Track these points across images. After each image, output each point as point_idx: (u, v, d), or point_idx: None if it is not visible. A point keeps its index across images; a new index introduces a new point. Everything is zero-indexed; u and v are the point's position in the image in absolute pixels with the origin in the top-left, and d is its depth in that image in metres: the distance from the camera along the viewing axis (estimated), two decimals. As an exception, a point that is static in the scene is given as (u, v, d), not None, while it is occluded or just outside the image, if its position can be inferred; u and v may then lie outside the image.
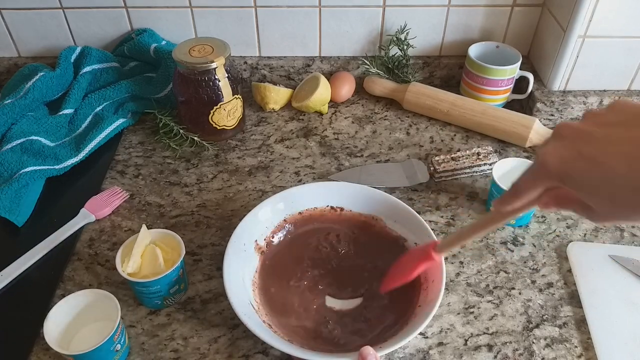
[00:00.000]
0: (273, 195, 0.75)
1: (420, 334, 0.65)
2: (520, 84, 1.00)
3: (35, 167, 0.84)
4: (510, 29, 1.03)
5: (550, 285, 0.71)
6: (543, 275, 0.73)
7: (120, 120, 0.95)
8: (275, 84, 1.04)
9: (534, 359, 0.63)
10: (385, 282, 0.66)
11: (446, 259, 0.74)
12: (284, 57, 1.06)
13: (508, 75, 0.96)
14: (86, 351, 0.56)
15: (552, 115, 0.97)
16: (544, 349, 0.64)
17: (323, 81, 0.98)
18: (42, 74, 0.94)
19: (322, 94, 0.98)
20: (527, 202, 0.46)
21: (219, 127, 0.92)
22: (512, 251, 0.76)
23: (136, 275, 0.65)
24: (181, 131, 0.92)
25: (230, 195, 0.84)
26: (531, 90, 0.98)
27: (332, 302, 0.68)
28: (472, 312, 0.68)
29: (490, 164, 0.85)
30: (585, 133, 0.39)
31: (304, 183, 0.86)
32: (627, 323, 0.66)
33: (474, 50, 0.99)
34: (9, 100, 0.91)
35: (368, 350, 0.55)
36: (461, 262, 0.74)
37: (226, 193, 0.85)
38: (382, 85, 1.03)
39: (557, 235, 0.78)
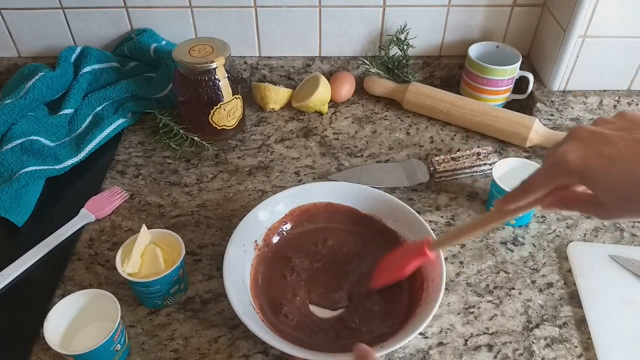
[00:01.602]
0: (273, 195, 0.75)
1: (420, 334, 0.65)
2: (520, 84, 1.00)
3: (35, 167, 0.84)
4: (510, 29, 1.03)
5: (550, 285, 0.71)
6: (543, 275, 0.73)
7: (120, 120, 0.95)
8: (275, 84, 1.04)
9: (534, 359, 0.63)
10: (376, 278, 0.67)
11: (446, 258, 0.74)
12: (284, 57, 1.06)
13: (508, 75, 0.96)
14: (86, 351, 0.56)
15: (552, 115, 0.97)
16: (544, 349, 0.64)
17: (323, 81, 0.98)
18: (42, 74, 0.94)
19: (322, 94, 0.98)
20: (533, 200, 0.48)
21: (219, 127, 0.92)
22: (512, 251, 0.76)
23: (136, 275, 0.65)
24: (181, 131, 0.92)
25: (230, 195, 0.84)
26: (531, 90, 0.98)
27: (327, 310, 0.68)
28: (472, 312, 0.68)
29: (490, 164, 0.85)
30: (602, 135, 0.42)
31: (304, 183, 0.86)
32: (627, 323, 0.66)
33: (474, 50, 0.99)
34: (9, 100, 0.91)
35: (364, 349, 0.53)
36: (461, 262, 0.74)
37: (226, 193, 0.85)
38: (382, 85, 1.03)
39: (557, 235, 0.78)
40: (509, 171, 0.79)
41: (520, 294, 0.70)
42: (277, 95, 1.00)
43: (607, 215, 0.44)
